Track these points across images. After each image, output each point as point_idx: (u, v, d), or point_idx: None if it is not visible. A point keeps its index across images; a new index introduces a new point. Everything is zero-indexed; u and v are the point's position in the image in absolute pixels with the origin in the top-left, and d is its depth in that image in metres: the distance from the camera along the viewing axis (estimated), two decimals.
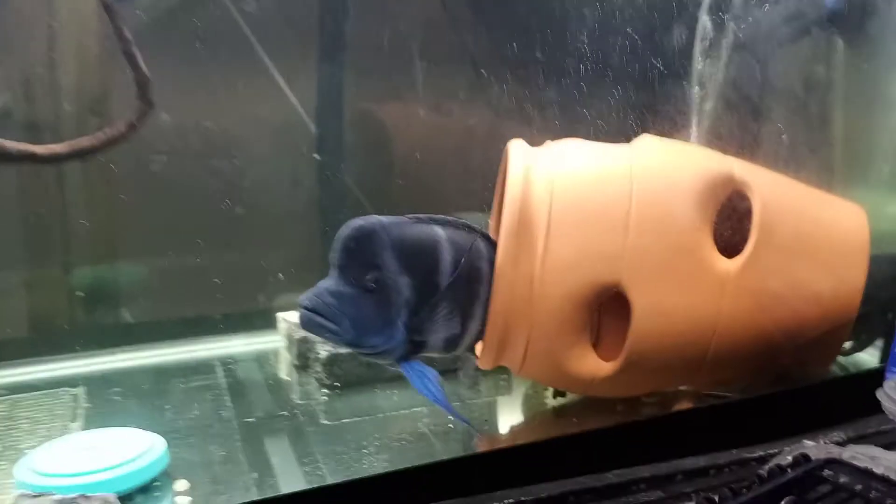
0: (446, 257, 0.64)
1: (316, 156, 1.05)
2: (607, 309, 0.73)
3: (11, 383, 0.84)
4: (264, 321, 0.95)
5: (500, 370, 0.77)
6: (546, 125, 0.98)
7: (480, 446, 0.74)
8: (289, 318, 0.91)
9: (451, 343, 0.66)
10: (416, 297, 0.62)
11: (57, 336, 0.94)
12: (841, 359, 0.88)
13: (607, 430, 0.70)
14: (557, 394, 0.81)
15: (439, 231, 0.65)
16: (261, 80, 1.01)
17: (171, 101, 0.87)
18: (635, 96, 0.91)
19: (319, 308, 0.58)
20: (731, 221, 0.71)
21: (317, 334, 0.60)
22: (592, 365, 0.71)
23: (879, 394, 0.54)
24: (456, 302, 0.64)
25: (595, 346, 0.76)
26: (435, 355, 0.67)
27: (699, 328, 0.69)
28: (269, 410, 0.78)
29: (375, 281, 0.60)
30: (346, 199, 1.06)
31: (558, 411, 0.80)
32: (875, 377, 0.74)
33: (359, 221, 0.61)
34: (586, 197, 0.70)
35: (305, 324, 0.59)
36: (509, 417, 0.82)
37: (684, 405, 0.77)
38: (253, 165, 1.01)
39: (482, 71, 1.06)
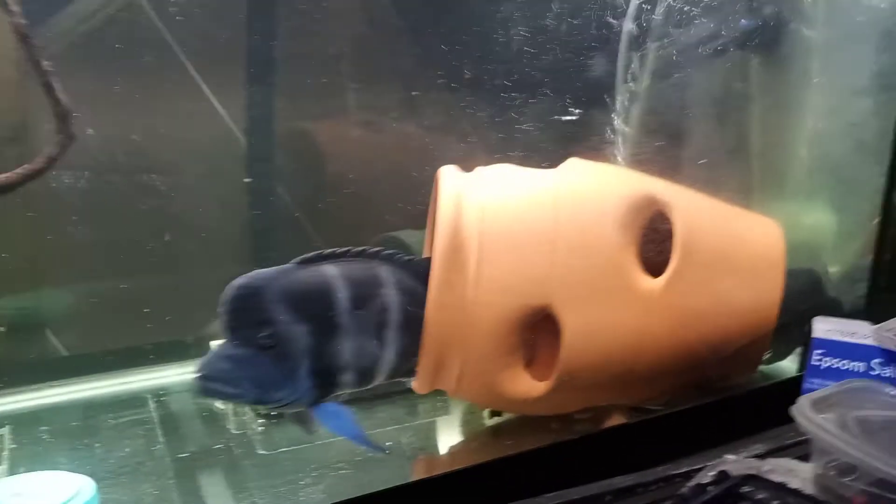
0: (342, 295, 0.64)
1: (247, 179, 1.04)
2: (543, 328, 0.74)
3: None
4: (198, 350, 0.93)
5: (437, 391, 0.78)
6: (477, 144, 0.99)
7: (416, 472, 0.74)
8: None
9: (366, 376, 0.67)
10: (317, 342, 0.62)
11: None
12: (765, 367, 0.92)
13: (540, 450, 0.71)
14: (493, 413, 0.82)
15: (330, 270, 0.64)
16: (189, 101, 0.99)
17: (93, 122, 0.85)
18: (564, 117, 0.93)
19: (215, 374, 0.58)
20: (655, 242, 0.73)
21: (219, 399, 0.60)
22: (526, 385, 0.73)
23: (793, 410, 0.56)
24: (362, 336, 0.64)
25: (530, 365, 0.78)
26: (349, 391, 0.67)
27: (626, 346, 0.71)
28: (203, 444, 0.77)
29: (269, 337, 0.59)
30: (280, 220, 1.05)
31: (495, 431, 0.81)
32: (794, 385, 0.77)
33: (241, 280, 0.60)
34: (515, 222, 0.71)
35: (203, 392, 0.59)
36: (447, 439, 0.82)
37: (616, 420, 0.79)
38: (183, 188, 0.99)
39: (413, 91, 1.07)
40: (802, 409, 0.54)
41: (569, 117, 0.93)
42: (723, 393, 0.79)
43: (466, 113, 1.00)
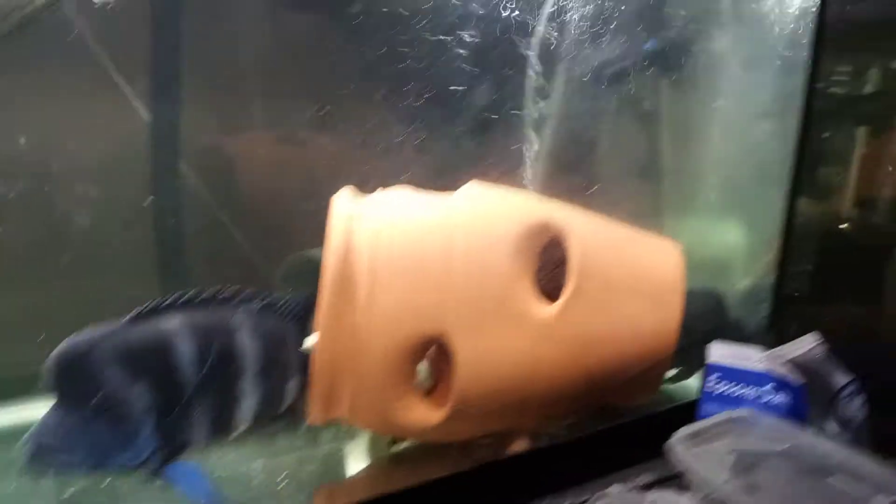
0: (186, 348, 0.61)
1: (151, 197, 1.00)
2: (443, 355, 0.73)
3: None
4: None
5: None
6: (386, 162, 0.98)
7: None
8: None
9: (221, 430, 0.64)
10: (159, 400, 0.59)
11: None
12: (670, 387, 0.92)
13: (438, 480, 0.70)
14: (394, 441, 0.80)
15: (172, 322, 0.61)
16: (89, 117, 0.95)
17: None
18: (472, 136, 0.92)
19: (46, 444, 0.55)
20: (549, 268, 0.73)
21: (53, 469, 0.56)
22: (422, 413, 0.71)
23: (666, 446, 0.56)
24: (211, 389, 0.62)
25: (432, 392, 0.77)
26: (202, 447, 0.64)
27: (521, 374, 0.70)
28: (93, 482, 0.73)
29: (103, 400, 0.56)
30: (184, 241, 1.01)
31: (396, 459, 0.79)
32: (692, 410, 0.77)
33: (68, 343, 0.57)
34: (410, 248, 0.70)
35: (35, 463, 0.55)
36: (349, 468, 0.80)
37: (518, 446, 0.78)
38: (81, 208, 0.95)
39: (325, 106, 1.05)
40: (674, 445, 0.53)
41: (476, 137, 0.92)
42: (623, 416, 0.79)
43: (379, 129, 0.99)
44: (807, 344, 0.68)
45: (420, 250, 0.69)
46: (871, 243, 0.90)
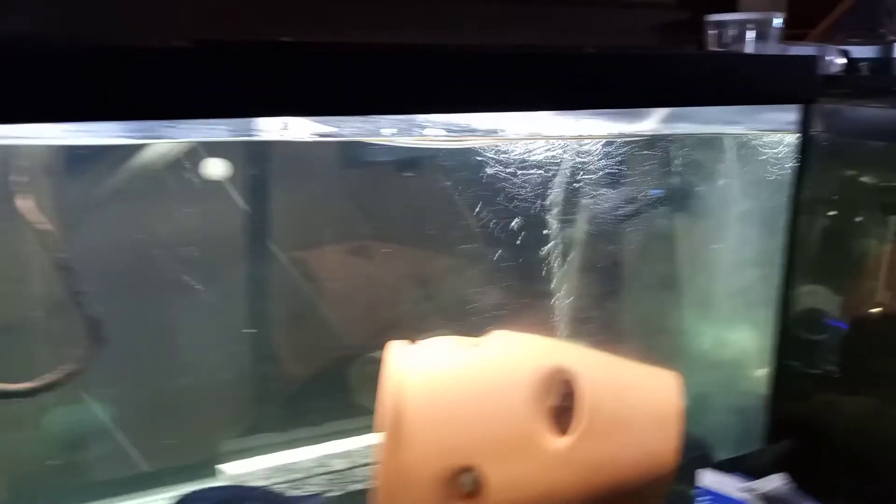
0: None
1: None
2: None
3: None
4: None
5: None
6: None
7: None
8: None
9: None
10: None
11: None
12: None
13: None
14: None
15: None
16: None
17: None
18: (498, 276, 1.10)
19: None
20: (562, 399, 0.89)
21: None
22: None
23: None
24: None
25: (475, 495, 0.93)
26: None
27: (540, 495, 0.86)
28: None
29: None
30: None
31: None
32: None
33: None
34: (447, 394, 0.87)
35: None
36: None
37: None
38: None
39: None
40: None
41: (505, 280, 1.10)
42: None
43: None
44: (776, 480, 0.82)
45: (455, 395, 0.87)
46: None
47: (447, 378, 0.88)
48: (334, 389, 1.13)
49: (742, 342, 1.16)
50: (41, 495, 1.01)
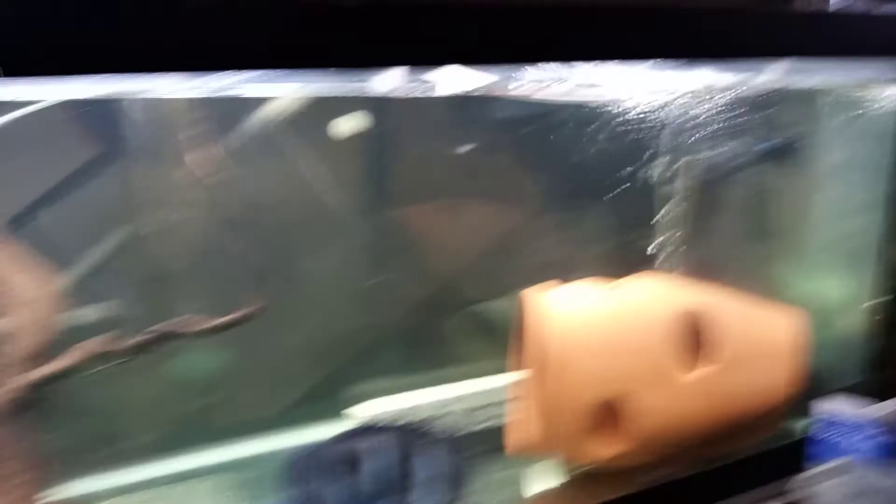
0: (370, 464, 0.90)
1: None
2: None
3: None
4: None
5: None
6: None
7: None
8: None
9: None
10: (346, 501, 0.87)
11: None
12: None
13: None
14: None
15: (363, 444, 0.93)
16: None
17: None
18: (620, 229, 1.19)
19: None
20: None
21: None
22: (603, 449, 0.97)
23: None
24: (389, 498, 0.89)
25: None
26: None
27: (673, 422, 0.96)
28: None
29: (308, 495, 0.87)
30: None
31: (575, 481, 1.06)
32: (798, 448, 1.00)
33: (299, 451, 0.92)
34: (591, 333, 0.96)
35: None
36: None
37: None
38: None
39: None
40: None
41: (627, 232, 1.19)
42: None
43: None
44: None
45: (599, 333, 0.96)
46: None
47: (591, 318, 0.97)
48: (463, 335, 1.21)
49: (852, 282, 1.24)
50: (189, 434, 1.10)
